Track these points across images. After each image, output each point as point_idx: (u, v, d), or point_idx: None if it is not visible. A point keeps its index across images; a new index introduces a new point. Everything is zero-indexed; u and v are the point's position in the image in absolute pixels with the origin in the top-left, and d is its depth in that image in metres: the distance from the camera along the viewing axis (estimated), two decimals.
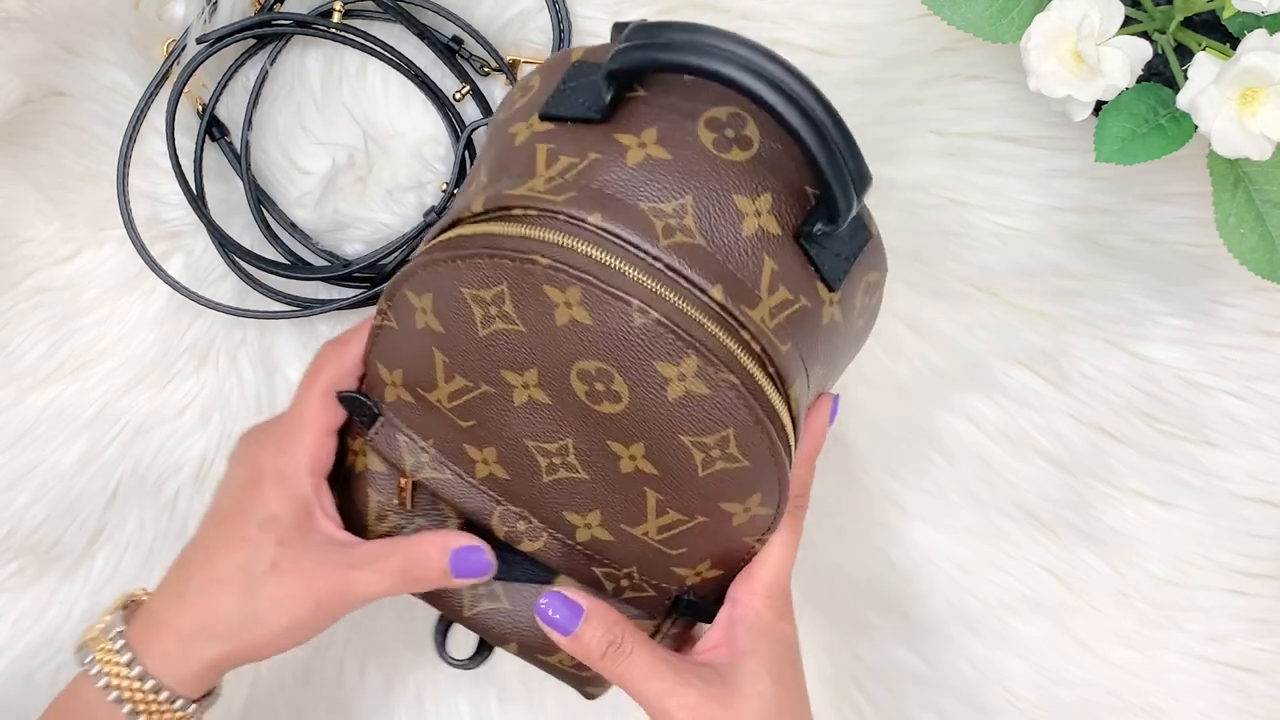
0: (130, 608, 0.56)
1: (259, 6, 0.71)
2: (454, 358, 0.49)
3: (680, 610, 0.55)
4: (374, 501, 0.56)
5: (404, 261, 0.72)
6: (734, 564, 0.53)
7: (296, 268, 0.72)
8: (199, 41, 0.69)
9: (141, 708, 0.53)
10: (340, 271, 0.72)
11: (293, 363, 0.74)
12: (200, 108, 0.72)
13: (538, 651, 0.58)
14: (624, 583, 0.54)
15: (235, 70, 0.72)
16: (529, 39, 0.71)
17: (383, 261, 0.72)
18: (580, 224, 0.46)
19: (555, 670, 0.58)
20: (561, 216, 0.46)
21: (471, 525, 0.55)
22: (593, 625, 0.51)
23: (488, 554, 0.54)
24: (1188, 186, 0.69)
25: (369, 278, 0.73)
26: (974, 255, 0.72)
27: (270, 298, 0.72)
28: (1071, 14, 0.55)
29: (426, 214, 0.71)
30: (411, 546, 0.54)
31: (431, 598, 0.58)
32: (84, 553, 0.75)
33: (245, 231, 0.73)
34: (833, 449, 0.73)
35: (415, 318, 0.49)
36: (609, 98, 0.48)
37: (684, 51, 0.44)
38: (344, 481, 0.57)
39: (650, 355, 0.45)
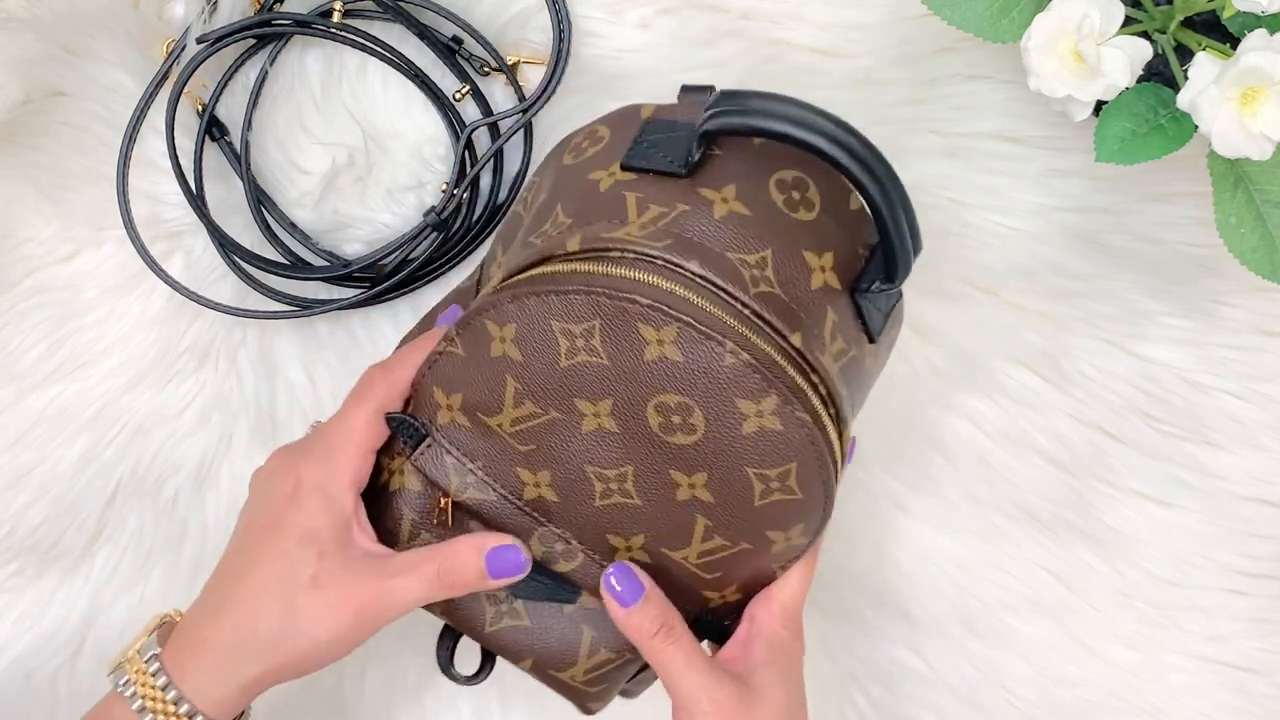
0: (165, 628, 0.56)
1: (259, 6, 0.71)
2: (528, 385, 0.52)
3: (698, 629, 0.57)
4: (408, 520, 0.57)
5: (404, 263, 0.72)
6: (755, 589, 0.57)
7: (296, 268, 0.72)
8: (199, 41, 0.69)
9: None
10: (340, 271, 0.72)
11: (292, 363, 0.74)
12: (200, 108, 0.72)
13: (550, 668, 0.59)
14: None
15: (235, 70, 0.72)
16: (529, 39, 0.71)
17: (382, 261, 0.72)
18: (679, 269, 0.50)
19: (563, 686, 0.60)
20: (660, 261, 0.50)
21: None
22: (651, 604, 0.55)
23: (524, 551, 0.55)
24: (1188, 186, 0.69)
25: (369, 278, 0.73)
26: (974, 255, 0.72)
27: (270, 298, 0.72)
28: (1071, 14, 0.55)
29: (426, 214, 0.71)
30: (447, 551, 0.55)
31: (453, 615, 0.59)
32: (84, 553, 0.75)
33: (245, 231, 0.73)
34: None
35: (491, 346, 0.52)
36: (697, 155, 0.52)
37: (786, 123, 0.49)
38: (376, 499, 0.58)
39: (734, 393, 0.49)
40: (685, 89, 0.56)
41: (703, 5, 0.70)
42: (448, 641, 0.62)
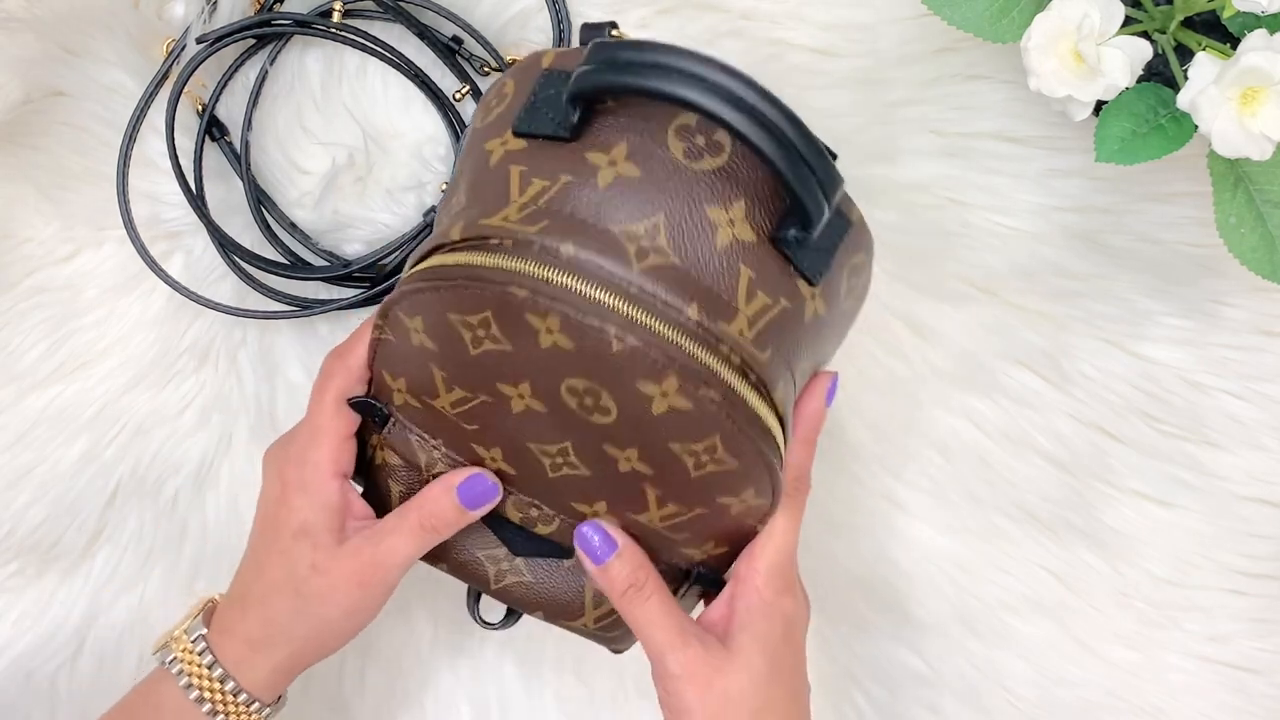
0: (208, 610, 0.59)
1: (259, 6, 0.71)
2: (450, 372, 0.52)
3: (693, 580, 0.57)
4: (395, 492, 0.58)
5: (404, 263, 0.72)
6: (739, 542, 0.56)
7: (296, 268, 0.72)
8: (199, 41, 0.69)
9: (220, 708, 0.57)
10: (340, 271, 0.72)
11: (292, 363, 0.74)
12: (200, 108, 0.72)
13: (562, 617, 0.60)
14: None
15: (235, 70, 0.72)
16: (529, 39, 0.71)
17: (383, 261, 0.72)
18: (554, 254, 0.47)
19: (581, 632, 0.60)
20: (535, 247, 0.47)
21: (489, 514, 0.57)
22: (623, 561, 0.54)
23: (489, 478, 0.56)
24: (1188, 186, 0.69)
25: (369, 278, 0.73)
26: (974, 255, 0.72)
27: (270, 298, 0.72)
28: (1072, 14, 0.55)
29: (426, 214, 0.71)
30: (420, 500, 0.57)
31: (462, 575, 0.60)
32: (84, 553, 0.75)
33: (245, 231, 0.73)
34: (833, 449, 0.73)
35: (410, 336, 0.52)
36: (576, 119, 0.49)
37: (639, 74, 0.45)
38: (370, 473, 0.60)
39: (632, 376, 0.47)
40: (585, 27, 0.53)
41: (703, 5, 0.70)
42: (474, 592, 0.62)
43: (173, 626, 0.59)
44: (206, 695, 0.56)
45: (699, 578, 0.57)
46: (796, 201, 0.47)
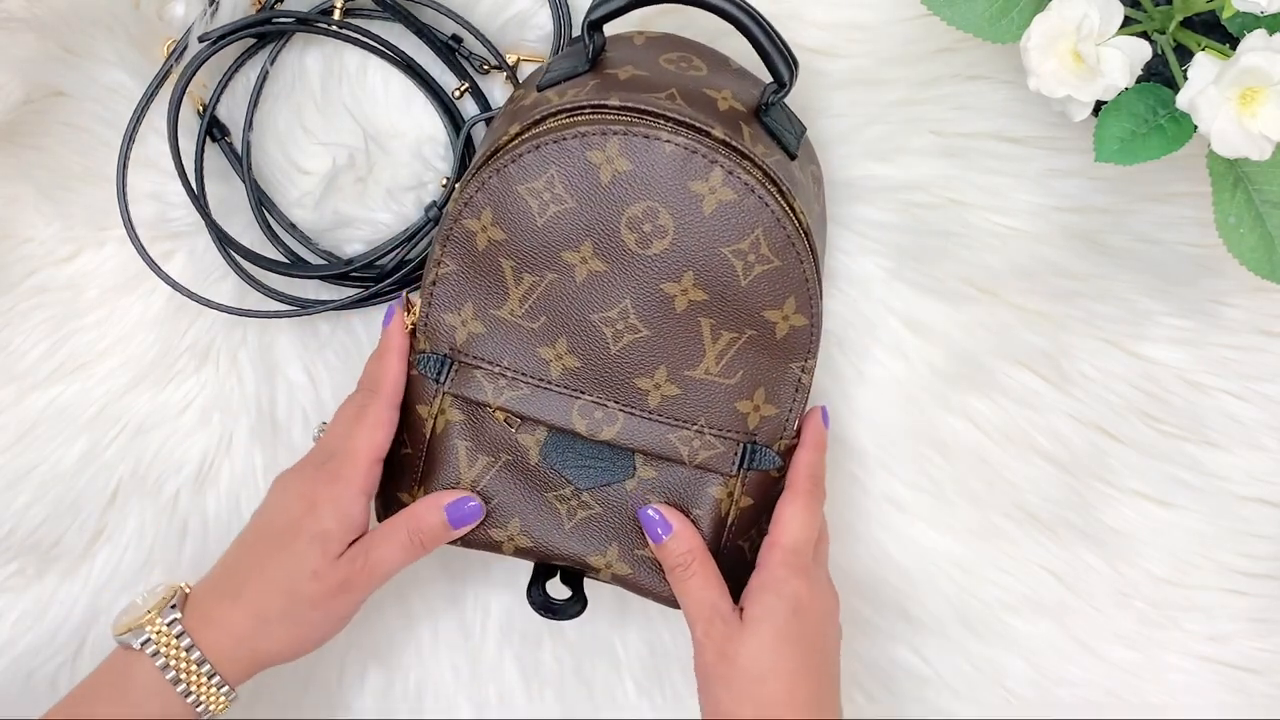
0: (180, 598, 0.62)
1: (259, 6, 0.71)
2: (520, 257, 0.59)
3: (749, 460, 0.62)
4: (463, 449, 0.63)
5: (403, 262, 0.72)
6: (785, 398, 0.62)
7: (296, 265, 0.72)
8: (200, 40, 0.69)
9: (193, 688, 0.59)
10: (339, 269, 0.72)
11: (293, 362, 0.74)
12: (200, 108, 0.72)
13: (636, 549, 0.64)
14: (696, 444, 0.62)
15: (235, 70, 0.72)
16: (528, 37, 0.71)
17: (381, 261, 0.72)
18: (602, 106, 0.58)
19: (656, 569, 0.64)
20: (587, 108, 0.58)
21: (556, 433, 0.62)
22: (677, 541, 0.62)
23: (475, 500, 0.63)
24: (1188, 186, 0.69)
25: (368, 277, 0.73)
26: (974, 255, 0.72)
27: (270, 297, 0.72)
28: (1071, 14, 0.55)
29: (428, 209, 0.71)
30: (410, 517, 0.62)
31: (537, 541, 0.64)
32: (84, 553, 0.75)
33: (246, 231, 0.73)
34: (833, 449, 0.73)
35: (475, 242, 0.60)
36: (593, 47, 0.60)
37: None
38: (430, 450, 0.63)
39: (684, 178, 0.57)
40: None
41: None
42: (538, 583, 0.66)
43: (137, 612, 0.61)
44: (182, 676, 0.59)
45: (753, 453, 0.62)
46: (768, 60, 0.58)
